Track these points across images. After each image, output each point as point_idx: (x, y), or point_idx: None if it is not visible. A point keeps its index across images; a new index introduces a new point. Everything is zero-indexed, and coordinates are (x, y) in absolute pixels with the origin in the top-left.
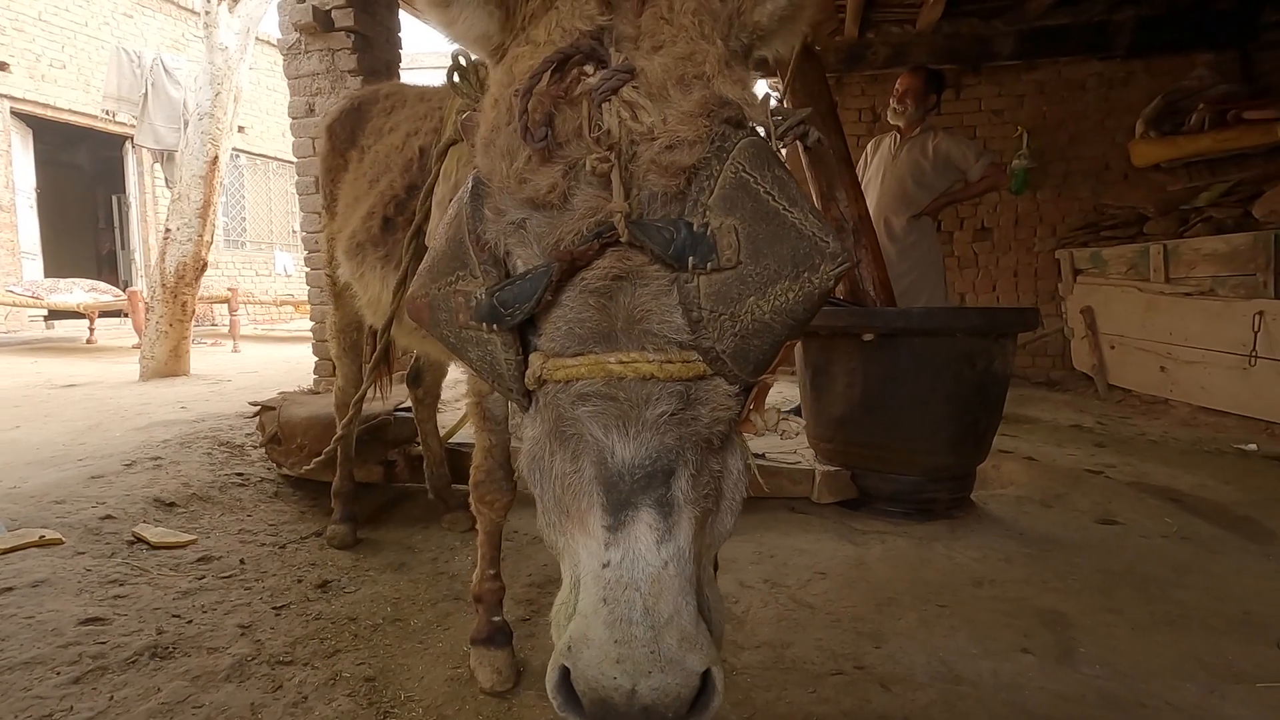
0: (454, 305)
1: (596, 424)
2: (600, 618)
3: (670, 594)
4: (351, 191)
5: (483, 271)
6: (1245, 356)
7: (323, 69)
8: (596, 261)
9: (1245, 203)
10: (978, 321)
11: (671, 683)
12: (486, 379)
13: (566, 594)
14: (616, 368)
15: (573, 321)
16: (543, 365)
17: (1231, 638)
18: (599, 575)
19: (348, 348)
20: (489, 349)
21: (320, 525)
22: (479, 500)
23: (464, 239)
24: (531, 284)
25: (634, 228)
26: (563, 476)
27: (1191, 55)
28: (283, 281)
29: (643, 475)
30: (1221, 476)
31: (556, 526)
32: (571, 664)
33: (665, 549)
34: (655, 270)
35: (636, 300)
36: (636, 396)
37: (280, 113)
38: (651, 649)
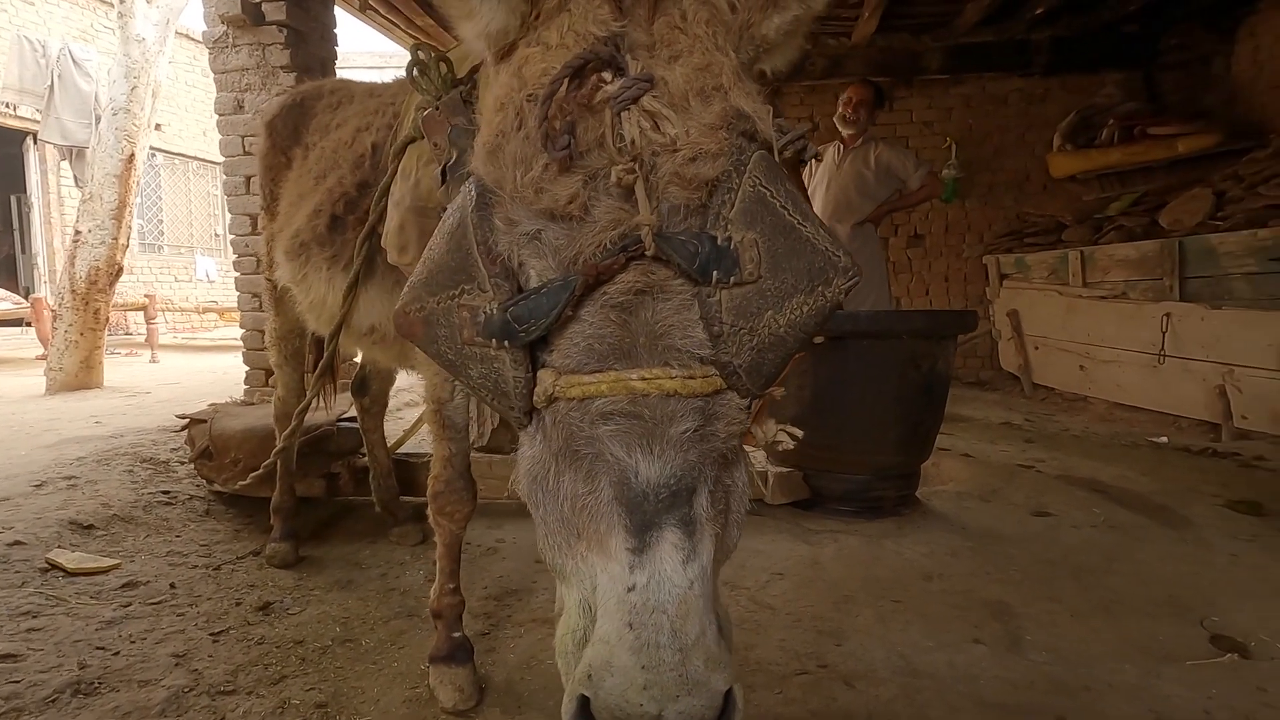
0: (457, 321)
1: (618, 443)
2: (626, 644)
3: (696, 615)
4: (295, 189)
5: (494, 285)
6: (1155, 356)
7: (252, 64)
8: (619, 275)
9: (1152, 212)
10: (922, 324)
11: (698, 705)
12: (485, 397)
13: (575, 619)
14: (639, 384)
15: (592, 338)
16: (555, 383)
17: (1160, 620)
18: (623, 600)
19: (288, 355)
20: (494, 367)
21: (258, 544)
22: (438, 511)
23: (470, 250)
24: (550, 298)
25: (660, 241)
26: (574, 497)
27: (1101, 74)
28: (205, 288)
29: (668, 495)
30: (1138, 468)
31: (563, 549)
32: (593, 693)
33: (691, 569)
34: (678, 284)
35: (658, 315)
36: (661, 414)
37: (200, 110)
38: (679, 673)
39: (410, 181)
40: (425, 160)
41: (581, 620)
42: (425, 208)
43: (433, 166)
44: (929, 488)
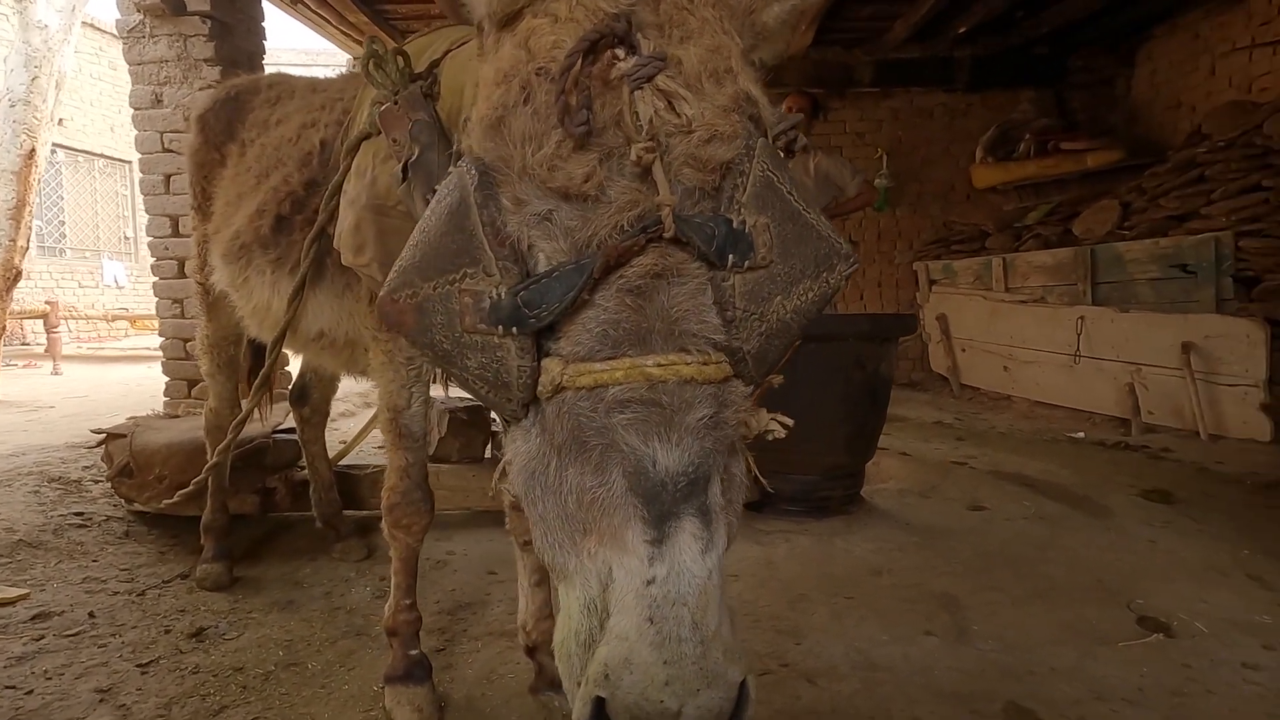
0: (457, 307)
1: (634, 432)
2: (647, 639)
3: (715, 606)
4: (233, 188)
5: (501, 268)
6: (1071, 356)
7: (172, 56)
8: (636, 259)
9: (1066, 221)
10: (866, 327)
11: (716, 699)
12: (480, 390)
13: (579, 620)
14: (656, 371)
15: (607, 323)
16: (563, 372)
17: (1091, 605)
18: (642, 594)
19: (222, 364)
20: (496, 356)
21: (186, 566)
22: (394, 525)
23: (474, 231)
24: (565, 282)
25: (679, 223)
26: (581, 491)
27: (1018, 91)
28: (114, 294)
29: (686, 484)
30: (1060, 461)
31: (565, 547)
32: (610, 693)
33: (709, 559)
34: (695, 268)
35: (674, 300)
36: (679, 401)
37: (107, 104)
38: (700, 665)
39: (366, 179)
40: (383, 157)
41: (586, 620)
42: (384, 205)
43: (391, 163)
44: (871, 486)
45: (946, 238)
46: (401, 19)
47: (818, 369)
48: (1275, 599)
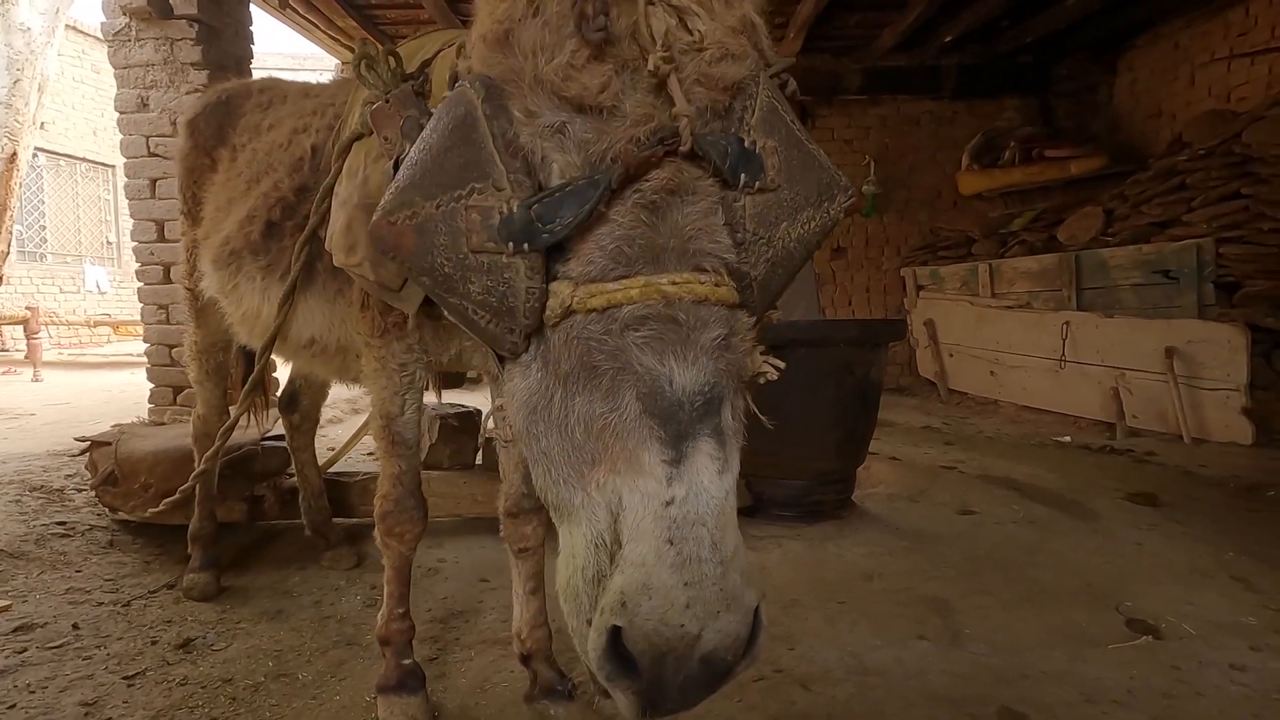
0: (463, 225)
1: (650, 351)
2: (667, 561)
3: (731, 527)
4: (224, 194)
5: (513, 182)
6: (1057, 361)
7: (159, 59)
8: (653, 172)
9: (1050, 228)
10: (856, 333)
11: (734, 622)
12: (481, 319)
13: (585, 556)
14: (671, 289)
15: (621, 240)
16: (573, 293)
17: (1081, 607)
18: (661, 515)
19: (211, 371)
20: (503, 278)
21: (172, 576)
22: (386, 533)
23: (484, 144)
24: (581, 195)
25: (696, 138)
26: (589, 420)
27: (1003, 99)
28: (95, 299)
29: (702, 403)
30: (1047, 465)
31: (570, 482)
32: (628, 620)
33: (726, 480)
34: (708, 185)
35: (686, 218)
36: (694, 319)
37: (89, 108)
38: (720, 587)
39: (358, 179)
40: (374, 156)
41: (594, 556)
42: (375, 204)
43: (382, 162)
44: (862, 491)
45: (933, 244)
46: (390, 24)
47: (809, 374)
48: (1260, 600)
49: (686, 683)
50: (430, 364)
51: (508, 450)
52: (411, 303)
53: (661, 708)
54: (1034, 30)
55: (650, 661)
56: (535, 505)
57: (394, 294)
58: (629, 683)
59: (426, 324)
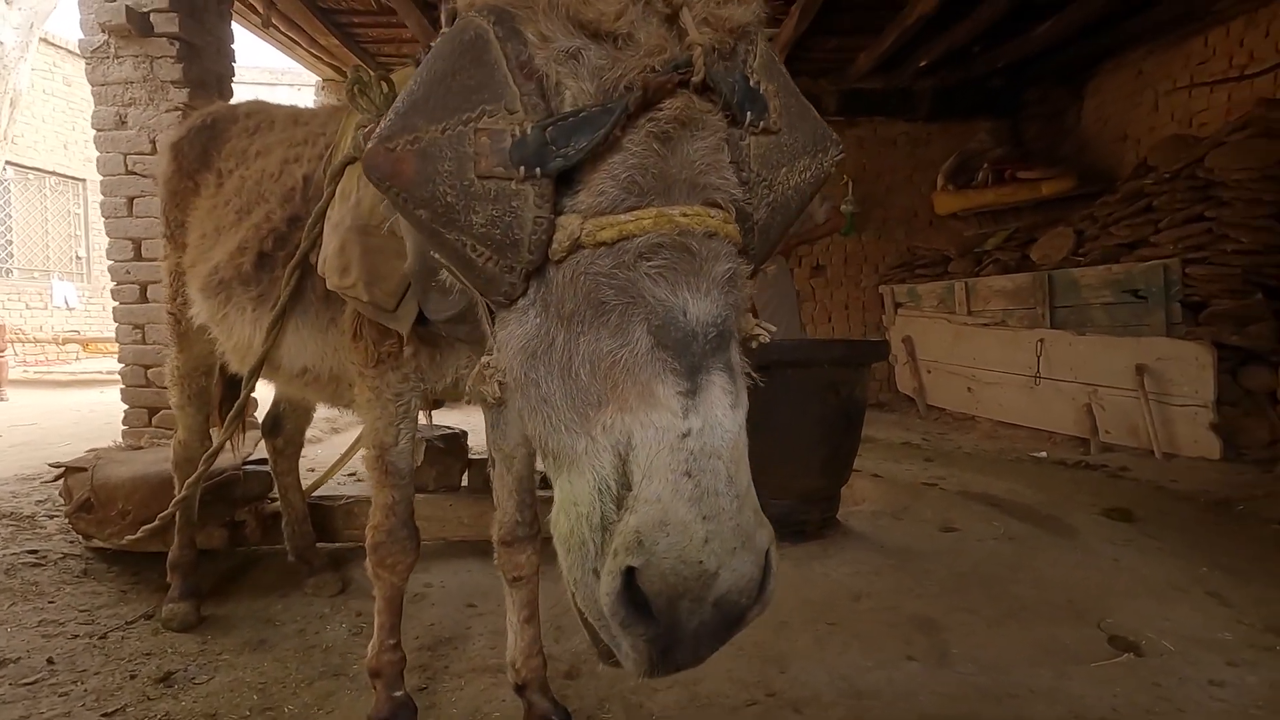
0: (470, 149)
1: (662, 282)
2: (684, 495)
3: (745, 463)
4: (210, 221)
5: (526, 104)
6: (1032, 377)
7: (138, 77)
8: (667, 102)
9: (1023, 247)
10: (841, 353)
11: (749, 563)
12: (480, 256)
13: (590, 504)
14: (684, 220)
15: (634, 169)
16: (582, 226)
17: (1063, 625)
18: (678, 447)
19: (193, 395)
20: (510, 206)
21: (150, 605)
22: (378, 564)
23: (496, 65)
24: (596, 121)
25: (709, 70)
26: (597, 358)
27: (975, 122)
28: (63, 316)
29: (715, 335)
30: (1025, 481)
31: (572, 427)
32: (644, 561)
33: (738, 414)
34: (716, 120)
35: (695, 152)
36: (707, 251)
37: (60, 121)
38: (736, 522)
39: (350, 201)
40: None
41: (599, 503)
42: (367, 225)
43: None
44: (846, 508)
45: (910, 262)
46: (372, 42)
47: (794, 394)
48: (1233, 615)
49: (700, 629)
50: (426, 393)
51: (501, 476)
52: (405, 322)
53: (673, 658)
54: (1005, 56)
55: (666, 603)
56: (530, 533)
57: (388, 314)
58: (643, 629)
59: (422, 351)
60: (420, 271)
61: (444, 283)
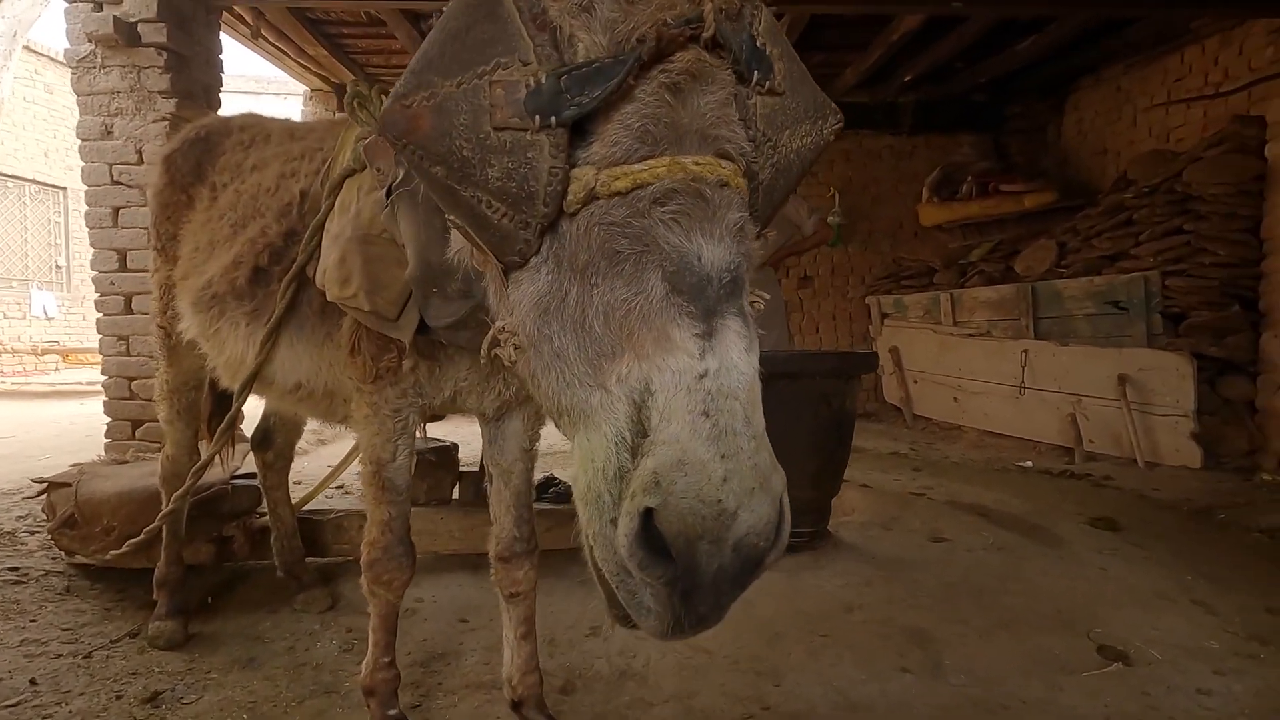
0: (486, 102)
1: (677, 228)
2: (702, 434)
3: (759, 405)
4: (204, 235)
5: (541, 54)
6: (1017, 387)
7: (125, 87)
8: (679, 54)
9: (1007, 259)
10: (832, 365)
11: (766, 505)
12: (496, 211)
13: (605, 456)
14: (695, 168)
15: (648, 118)
16: (596, 176)
17: (1053, 635)
18: (695, 388)
19: (181, 410)
20: (526, 158)
21: (135, 623)
22: (374, 581)
23: (509, 18)
24: (609, 71)
25: (719, 26)
26: (611, 308)
27: (958, 136)
28: (42, 325)
29: (729, 280)
30: (1012, 491)
31: (586, 380)
32: (662, 501)
33: (753, 358)
34: (725, 76)
35: (705, 105)
36: (719, 198)
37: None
38: (754, 461)
39: (351, 212)
40: (367, 189)
41: (615, 454)
42: (368, 235)
43: (375, 194)
44: (836, 519)
45: (896, 273)
46: (361, 53)
47: (786, 406)
48: (1219, 624)
49: (719, 575)
50: (424, 408)
51: (499, 492)
52: (407, 330)
53: (695, 608)
54: (987, 71)
55: (685, 544)
56: (528, 549)
57: (390, 323)
58: (662, 570)
59: (420, 365)
60: (421, 277)
61: (445, 288)
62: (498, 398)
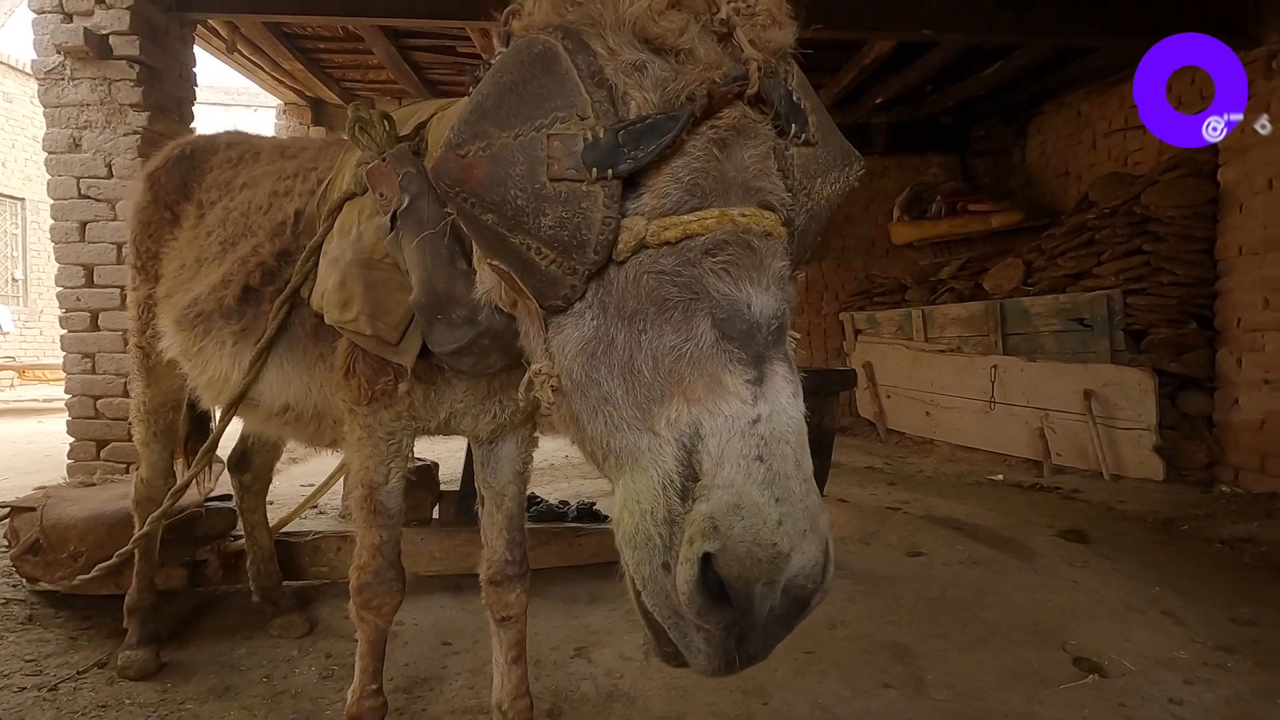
0: (543, 154)
1: (726, 278)
2: (757, 478)
3: (806, 446)
4: (190, 252)
5: (598, 110)
6: (986, 402)
7: (95, 100)
8: (725, 111)
9: (976, 276)
10: (812, 384)
11: (816, 546)
12: (546, 259)
13: (653, 499)
14: (742, 220)
15: (697, 172)
16: (647, 226)
17: (1030, 648)
18: (749, 433)
19: (159, 432)
20: (580, 208)
21: (104, 653)
22: (363, 606)
23: (567, 75)
24: (662, 126)
25: (762, 83)
26: (660, 354)
27: (928, 156)
28: None
29: (776, 327)
30: (985, 504)
31: (634, 424)
32: (721, 545)
33: (799, 402)
34: (766, 130)
35: (748, 158)
36: (765, 247)
37: None
38: (805, 504)
39: (351, 236)
40: (369, 213)
41: (664, 498)
42: (370, 259)
43: (378, 218)
44: None
45: (869, 290)
46: (337, 68)
47: None
48: (1187, 634)
49: (770, 615)
50: (418, 430)
51: (491, 514)
52: (409, 355)
53: (746, 648)
54: (954, 95)
55: (743, 587)
56: (519, 572)
57: (391, 348)
58: (720, 615)
59: (416, 388)
60: (427, 303)
61: (451, 315)
62: (493, 420)
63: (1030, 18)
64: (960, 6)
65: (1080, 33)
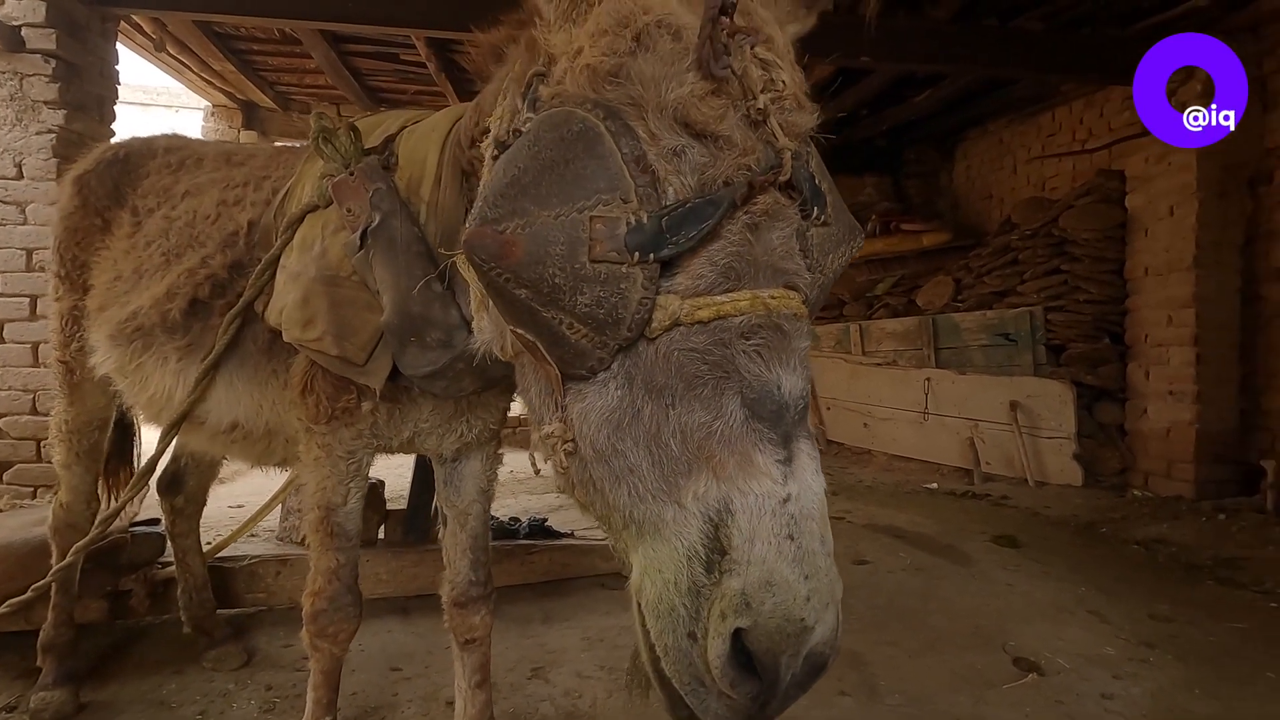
0: (584, 235)
1: (757, 359)
2: (788, 556)
3: (828, 522)
4: (127, 263)
5: (642, 195)
6: (920, 414)
7: (5, 95)
8: (760, 197)
9: (909, 293)
10: None
11: (834, 615)
12: (577, 333)
13: (676, 570)
14: (772, 302)
15: (732, 255)
16: (681, 306)
17: (973, 651)
18: (779, 512)
19: (82, 453)
20: (618, 289)
21: (13, 695)
22: (318, 634)
23: (610, 158)
24: (702, 211)
25: (793, 170)
26: (689, 430)
27: (864, 177)
28: None
29: (802, 406)
30: (922, 512)
31: (659, 495)
32: (753, 620)
33: (821, 478)
34: (792, 214)
35: (774, 241)
36: (792, 329)
37: None
38: (829, 578)
39: (314, 251)
40: (334, 228)
41: (688, 568)
42: (336, 276)
43: (343, 234)
44: None
45: None
46: (271, 70)
47: None
48: (1112, 631)
49: (791, 680)
50: (379, 448)
51: (454, 534)
52: (378, 377)
53: (766, 713)
54: (888, 120)
55: (772, 660)
56: (484, 593)
57: (357, 369)
58: (749, 687)
59: (381, 407)
60: (399, 326)
61: (425, 337)
62: (458, 440)
63: (957, 50)
64: (895, 36)
65: (1002, 64)
